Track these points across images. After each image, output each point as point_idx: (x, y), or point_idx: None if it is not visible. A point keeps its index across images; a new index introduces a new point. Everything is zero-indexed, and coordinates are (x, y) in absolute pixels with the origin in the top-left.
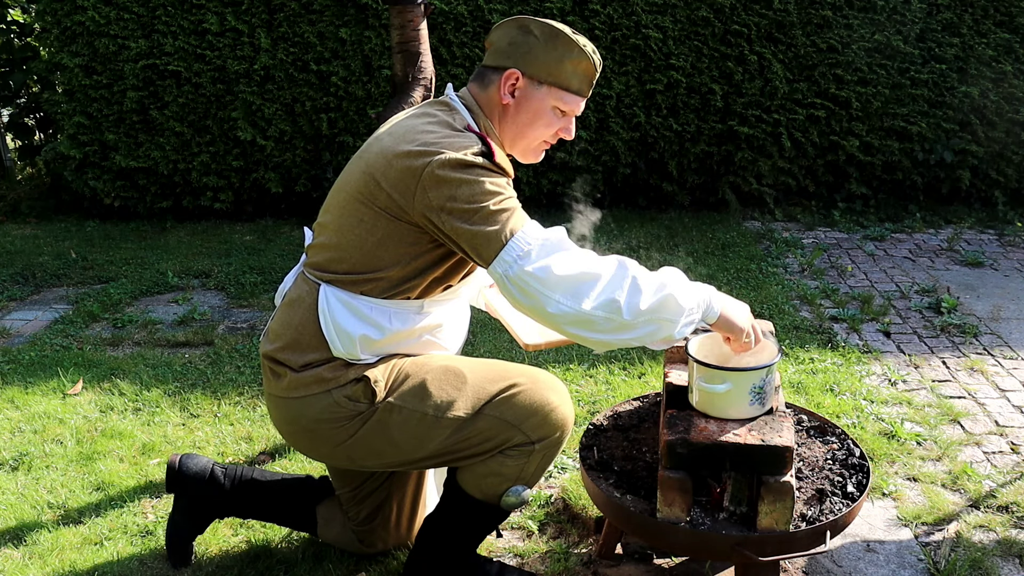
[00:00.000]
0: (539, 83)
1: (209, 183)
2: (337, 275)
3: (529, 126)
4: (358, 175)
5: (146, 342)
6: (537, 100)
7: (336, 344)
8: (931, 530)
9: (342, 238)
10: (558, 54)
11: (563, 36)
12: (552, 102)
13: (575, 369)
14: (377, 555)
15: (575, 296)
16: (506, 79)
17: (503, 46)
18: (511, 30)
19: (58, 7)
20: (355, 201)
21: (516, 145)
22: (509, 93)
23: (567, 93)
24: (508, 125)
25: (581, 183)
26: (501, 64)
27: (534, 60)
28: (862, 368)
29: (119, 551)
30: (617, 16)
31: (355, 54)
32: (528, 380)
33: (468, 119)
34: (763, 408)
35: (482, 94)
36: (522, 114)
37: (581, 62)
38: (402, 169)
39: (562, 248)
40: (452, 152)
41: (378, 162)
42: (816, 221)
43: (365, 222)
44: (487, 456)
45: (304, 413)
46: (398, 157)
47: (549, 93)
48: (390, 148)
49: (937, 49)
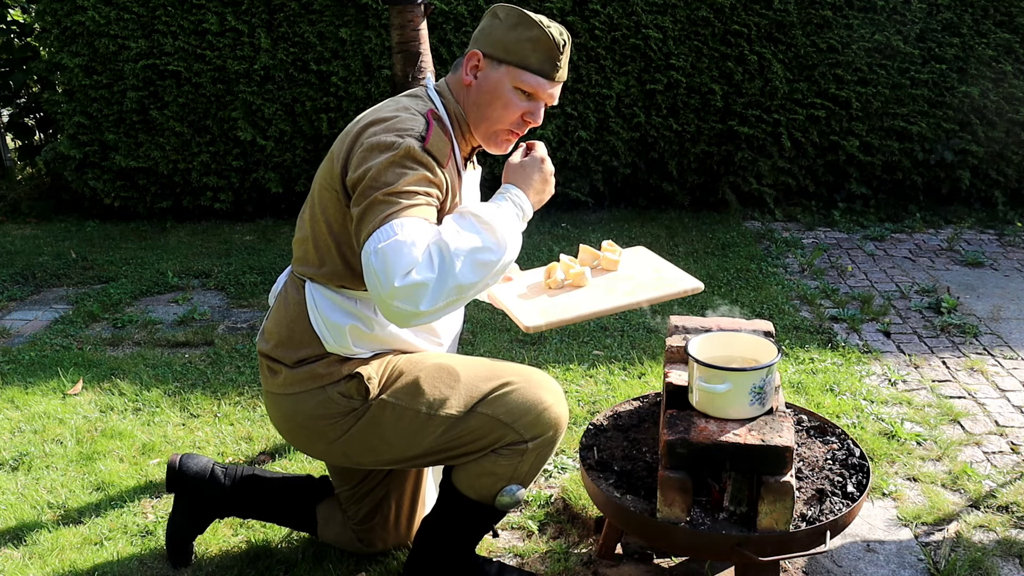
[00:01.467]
0: (498, 62)
1: (209, 183)
2: (315, 269)
3: (488, 107)
4: (324, 162)
5: (146, 342)
6: (495, 79)
7: (327, 338)
8: (931, 530)
9: (313, 227)
10: (517, 33)
11: (525, 16)
12: (511, 82)
13: (575, 369)
14: (377, 555)
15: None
16: (468, 60)
17: (475, 34)
18: (484, 19)
19: (58, 7)
20: (321, 188)
21: (479, 128)
22: (472, 74)
23: (526, 72)
24: (471, 107)
25: (581, 183)
26: (469, 49)
27: (495, 40)
28: (862, 368)
29: (119, 551)
30: (617, 16)
31: (355, 54)
32: (522, 379)
33: (436, 104)
34: (763, 408)
35: (453, 78)
36: (482, 94)
37: (540, 39)
38: (342, 146)
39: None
40: (384, 134)
41: (337, 145)
42: (816, 221)
43: (328, 209)
44: (481, 455)
45: (299, 409)
46: (350, 135)
47: (508, 72)
48: (347, 129)
49: (937, 49)
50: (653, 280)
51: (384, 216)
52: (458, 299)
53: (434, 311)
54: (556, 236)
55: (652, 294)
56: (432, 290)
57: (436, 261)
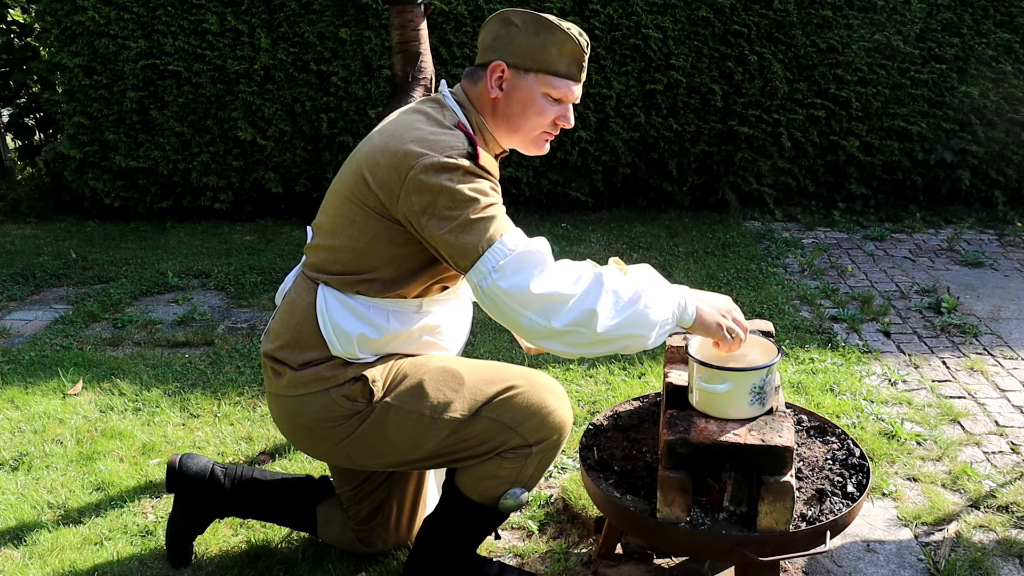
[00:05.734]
0: (524, 71)
1: (209, 183)
2: (333, 275)
3: (521, 116)
4: (351, 175)
5: (146, 342)
6: (525, 89)
7: (334, 343)
8: (931, 530)
9: (336, 238)
10: (540, 39)
11: (544, 21)
12: (541, 89)
13: (575, 369)
14: (377, 555)
15: (547, 315)
16: (491, 72)
17: (488, 42)
18: (494, 25)
19: (58, 7)
20: (347, 201)
21: (514, 138)
22: (496, 86)
23: (555, 78)
24: (500, 119)
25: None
26: (487, 59)
27: (517, 49)
28: (862, 368)
29: (119, 551)
30: (617, 16)
31: (355, 54)
32: (526, 382)
33: (459, 115)
34: (763, 408)
35: (473, 90)
36: (512, 105)
37: (566, 44)
38: (388, 169)
39: (538, 264)
40: (436, 155)
41: (367, 162)
42: (816, 221)
43: (357, 222)
44: (485, 458)
45: (303, 411)
46: (385, 156)
47: (537, 80)
48: (379, 147)
49: (937, 49)
50: None
51: (488, 236)
52: (586, 332)
53: (566, 333)
54: (556, 236)
55: None
56: (569, 307)
57: (582, 281)
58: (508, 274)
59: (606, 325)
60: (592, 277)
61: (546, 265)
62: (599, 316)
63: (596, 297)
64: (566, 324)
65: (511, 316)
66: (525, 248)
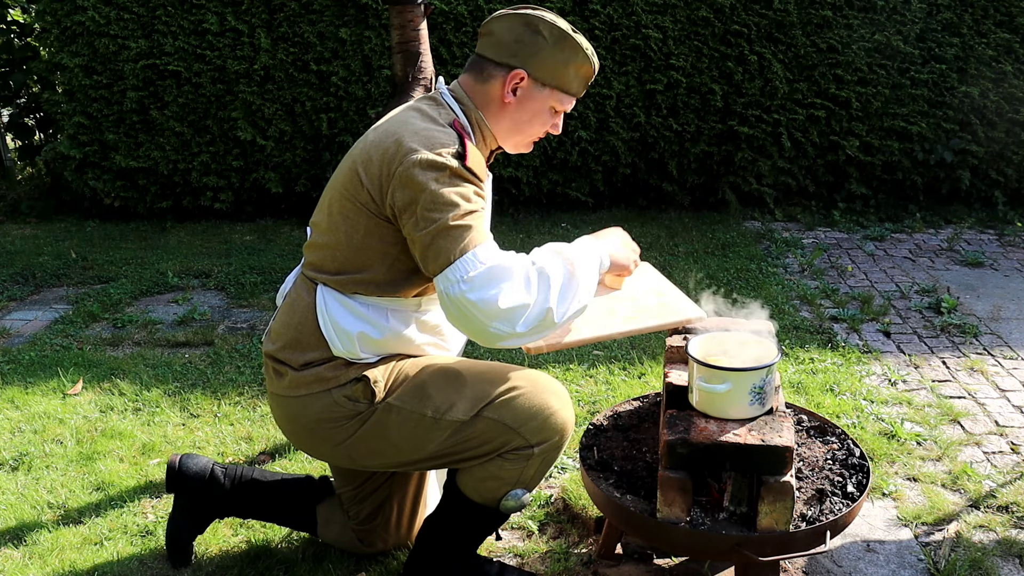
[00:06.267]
0: (542, 85)
1: (209, 183)
2: (330, 275)
3: (528, 124)
4: (346, 171)
5: (146, 342)
6: (539, 101)
7: (335, 343)
8: (931, 530)
9: (332, 236)
10: (564, 57)
11: (570, 40)
12: (551, 103)
13: (575, 369)
14: (377, 555)
15: (512, 322)
16: (511, 79)
17: (508, 41)
18: (517, 26)
19: (58, 7)
20: (342, 198)
21: (509, 140)
22: (512, 92)
23: (566, 95)
24: (505, 121)
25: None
26: (506, 62)
27: (541, 63)
28: (862, 368)
29: (119, 551)
30: (617, 16)
31: (355, 54)
32: (528, 383)
33: (457, 113)
34: (763, 408)
35: (479, 87)
36: (522, 113)
37: (583, 66)
38: (379, 164)
39: (505, 278)
40: (426, 151)
41: (362, 157)
42: (816, 221)
43: (351, 218)
44: (486, 459)
45: (304, 412)
46: (378, 152)
47: (551, 95)
48: (372, 143)
49: (937, 49)
50: (655, 306)
51: (462, 245)
52: (543, 324)
53: (528, 334)
54: (556, 236)
55: (652, 322)
56: (530, 312)
57: (533, 285)
58: (477, 287)
59: (561, 313)
60: (537, 274)
61: (512, 278)
62: (555, 310)
63: (547, 293)
64: (529, 327)
65: (476, 325)
66: (496, 263)
